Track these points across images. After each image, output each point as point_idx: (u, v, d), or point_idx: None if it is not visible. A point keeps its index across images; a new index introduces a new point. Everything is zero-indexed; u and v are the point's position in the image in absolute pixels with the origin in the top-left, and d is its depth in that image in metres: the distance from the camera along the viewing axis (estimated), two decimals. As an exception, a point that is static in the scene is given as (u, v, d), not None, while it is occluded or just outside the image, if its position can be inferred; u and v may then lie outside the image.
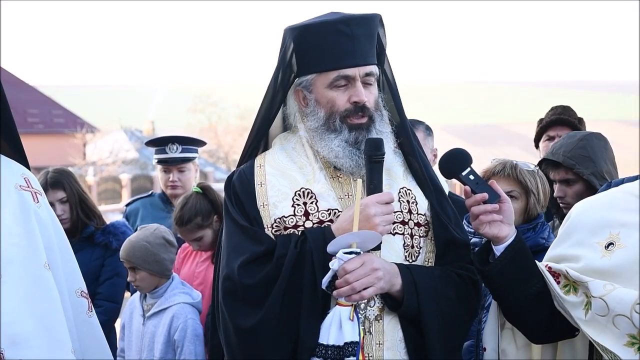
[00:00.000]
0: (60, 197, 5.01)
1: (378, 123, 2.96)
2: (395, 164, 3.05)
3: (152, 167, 33.91)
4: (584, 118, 5.62)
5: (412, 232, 2.98)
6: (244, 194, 3.01)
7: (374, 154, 2.86)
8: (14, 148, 3.00)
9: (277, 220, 2.96)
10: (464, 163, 2.86)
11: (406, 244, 2.96)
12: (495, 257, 2.87)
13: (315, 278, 2.82)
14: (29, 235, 2.82)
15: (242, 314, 2.87)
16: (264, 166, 3.05)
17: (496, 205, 2.83)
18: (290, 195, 2.97)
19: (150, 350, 4.43)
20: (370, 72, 2.96)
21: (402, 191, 3.00)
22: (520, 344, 3.12)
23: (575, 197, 4.05)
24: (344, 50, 2.92)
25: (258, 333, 2.84)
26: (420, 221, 3.00)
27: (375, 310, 2.89)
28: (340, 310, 2.77)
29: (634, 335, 2.62)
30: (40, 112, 38.19)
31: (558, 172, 4.17)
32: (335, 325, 2.75)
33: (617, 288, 2.67)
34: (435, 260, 3.00)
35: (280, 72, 3.04)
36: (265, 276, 2.86)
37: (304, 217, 2.95)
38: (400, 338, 2.91)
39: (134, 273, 4.47)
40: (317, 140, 2.99)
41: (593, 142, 4.20)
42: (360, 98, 2.92)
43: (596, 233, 2.82)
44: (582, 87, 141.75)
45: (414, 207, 3.00)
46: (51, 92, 44.62)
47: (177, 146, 5.56)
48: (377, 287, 2.79)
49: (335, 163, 2.97)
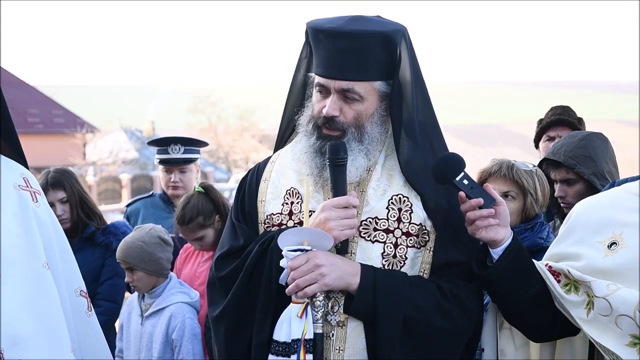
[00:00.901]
0: (60, 197, 5.02)
1: (351, 139, 2.89)
2: (399, 170, 2.97)
3: (152, 167, 33.95)
4: (584, 118, 5.62)
5: (397, 241, 2.90)
6: (250, 188, 3.06)
7: (335, 157, 2.84)
8: (12, 148, 3.00)
9: (268, 216, 2.99)
10: (457, 168, 2.81)
11: (386, 252, 2.89)
12: (493, 260, 2.85)
13: (272, 276, 2.85)
14: (28, 235, 2.82)
15: (213, 303, 2.98)
16: (275, 162, 3.09)
17: (492, 210, 2.81)
18: (283, 193, 3.00)
19: (149, 350, 4.44)
20: (348, 89, 2.89)
21: (394, 198, 2.93)
22: (518, 344, 3.11)
23: (576, 197, 4.05)
24: (328, 60, 2.90)
25: (220, 322, 2.94)
26: (412, 231, 2.91)
27: (337, 316, 2.86)
28: (292, 307, 2.79)
29: (636, 336, 2.62)
30: (40, 112, 38.19)
31: (559, 172, 4.16)
32: (286, 322, 2.78)
33: (620, 288, 2.66)
34: (430, 273, 2.92)
35: (301, 67, 3.06)
36: (233, 269, 2.93)
37: (287, 217, 2.96)
38: (364, 346, 2.85)
39: (131, 273, 4.48)
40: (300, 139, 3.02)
41: (594, 142, 4.20)
42: (327, 111, 2.89)
43: (598, 232, 2.82)
44: (582, 87, 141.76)
45: (406, 216, 2.92)
46: (51, 92, 44.65)
47: (180, 147, 5.58)
48: (321, 283, 2.76)
49: (301, 167, 2.97)
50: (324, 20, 2.99)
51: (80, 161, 35.61)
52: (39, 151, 29.53)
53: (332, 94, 2.90)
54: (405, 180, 2.95)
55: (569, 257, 2.85)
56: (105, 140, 39.38)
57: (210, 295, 3.02)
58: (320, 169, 2.91)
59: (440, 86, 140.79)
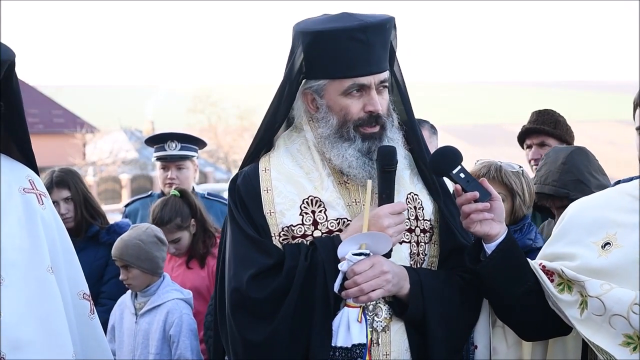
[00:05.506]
0: (65, 196, 5.05)
1: (389, 130, 2.93)
2: (403, 167, 3.01)
3: (152, 167, 33.94)
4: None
5: (418, 239, 2.96)
6: (250, 200, 2.94)
7: (386, 164, 2.83)
8: (21, 150, 3.02)
9: (285, 228, 2.90)
10: (454, 161, 2.84)
11: (412, 252, 2.94)
12: (487, 255, 2.86)
13: (327, 288, 2.79)
14: (32, 238, 2.82)
15: (251, 328, 2.82)
16: (269, 170, 2.98)
17: (487, 204, 2.82)
18: (298, 203, 2.91)
19: (145, 348, 4.44)
20: (384, 79, 2.93)
21: (409, 197, 2.98)
22: (511, 342, 3.12)
23: None
24: (359, 58, 2.87)
25: (269, 347, 2.79)
26: (426, 227, 2.98)
27: (382, 322, 2.87)
28: (349, 311, 2.75)
29: (629, 335, 2.62)
30: (40, 112, 38.19)
31: (554, 202, 4.18)
32: (344, 327, 2.74)
33: (614, 288, 2.67)
34: (438, 265, 2.99)
35: (290, 73, 2.97)
36: (275, 290, 2.80)
37: (312, 227, 2.90)
38: (407, 347, 2.88)
39: (127, 271, 4.50)
40: (329, 148, 2.93)
41: (575, 159, 4.18)
42: (375, 108, 2.88)
43: (592, 233, 2.83)
44: (581, 87, 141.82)
45: (420, 213, 2.98)
46: (51, 92, 44.65)
47: (176, 144, 5.59)
48: (386, 289, 2.78)
49: (348, 172, 2.92)
50: (325, 21, 2.94)
51: (80, 161, 35.64)
52: (39, 151, 29.18)
53: (371, 90, 2.90)
54: (410, 177, 3.01)
55: (563, 257, 2.86)
56: (105, 140, 39.40)
57: (243, 320, 2.83)
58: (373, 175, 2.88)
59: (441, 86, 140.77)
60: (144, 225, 4.67)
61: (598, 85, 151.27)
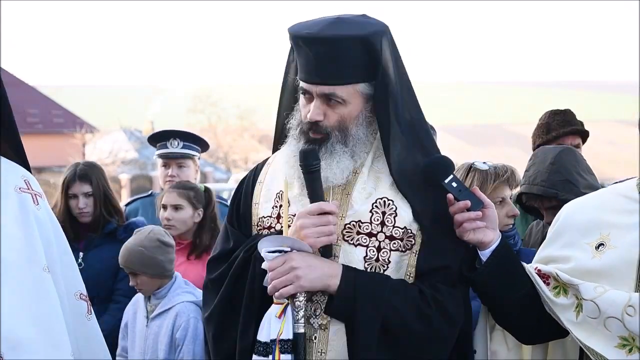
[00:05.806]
0: (86, 191, 5.08)
1: (335, 142, 2.90)
2: (387, 172, 2.95)
3: (152, 167, 33.95)
4: (584, 118, 5.60)
5: (380, 245, 2.88)
6: (247, 191, 3.10)
7: (307, 164, 2.85)
8: (14, 150, 3.00)
9: (260, 219, 3.02)
10: (446, 170, 2.86)
11: (369, 256, 2.88)
12: (482, 262, 2.88)
13: (255, 282, 2.87)
14: (28, 238, 2.82)
15: (205, 304, 3.05)
16: (270, 164, 3.11)
17: (479, 213, 2.84)
18: (274, 196, 3.02)
19: (154, 352, 4.45)
20: (331, 94, 2.88)
21: (378, 202, 2.92)
22: (511, 345, 3.13)
23: None
24: (307, 65, 2.90)
25: (209, 324, 3.00)
26: (396, 234, 2.88)
27: (320, 319, 2.86)
28: (273, 308, 2.81)
29: (625, 337, 2.65)
30: (40, 112, 38.17)
31: (543, 202, 4.16)
32: (266, 322, 2.80)
33: (608, 290, 2.69)
34: (415, 277, 2.89)
35: (290, 71, 3.06)
36: (221, 273, 2.97)
37: (275, 220, 2.99)
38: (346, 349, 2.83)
39: (135, 278, 4.51)
40: None
41: (563, 159, 4.17)
42: (310, 116, 2.90)
43: (586, 234, 2.85)
44: (582, 87, 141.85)
45: (390, 219, 2.90)
46: (51, 92, 44.77)
47: (179, 142, 5.60)
48: (297, 285, 2.77)
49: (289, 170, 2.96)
50: (303, 25, 2.96)
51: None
52: (39, 151, 29.54)
53: (315, 99, 2.89)
54: (393, 183, 2.93)
55: (558, 260, 2.87)
56: (105, 140, 39.39)
57: (204, 297, 3.08)
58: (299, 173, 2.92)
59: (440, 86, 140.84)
60: (146, 228, 4.65)
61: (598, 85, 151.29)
